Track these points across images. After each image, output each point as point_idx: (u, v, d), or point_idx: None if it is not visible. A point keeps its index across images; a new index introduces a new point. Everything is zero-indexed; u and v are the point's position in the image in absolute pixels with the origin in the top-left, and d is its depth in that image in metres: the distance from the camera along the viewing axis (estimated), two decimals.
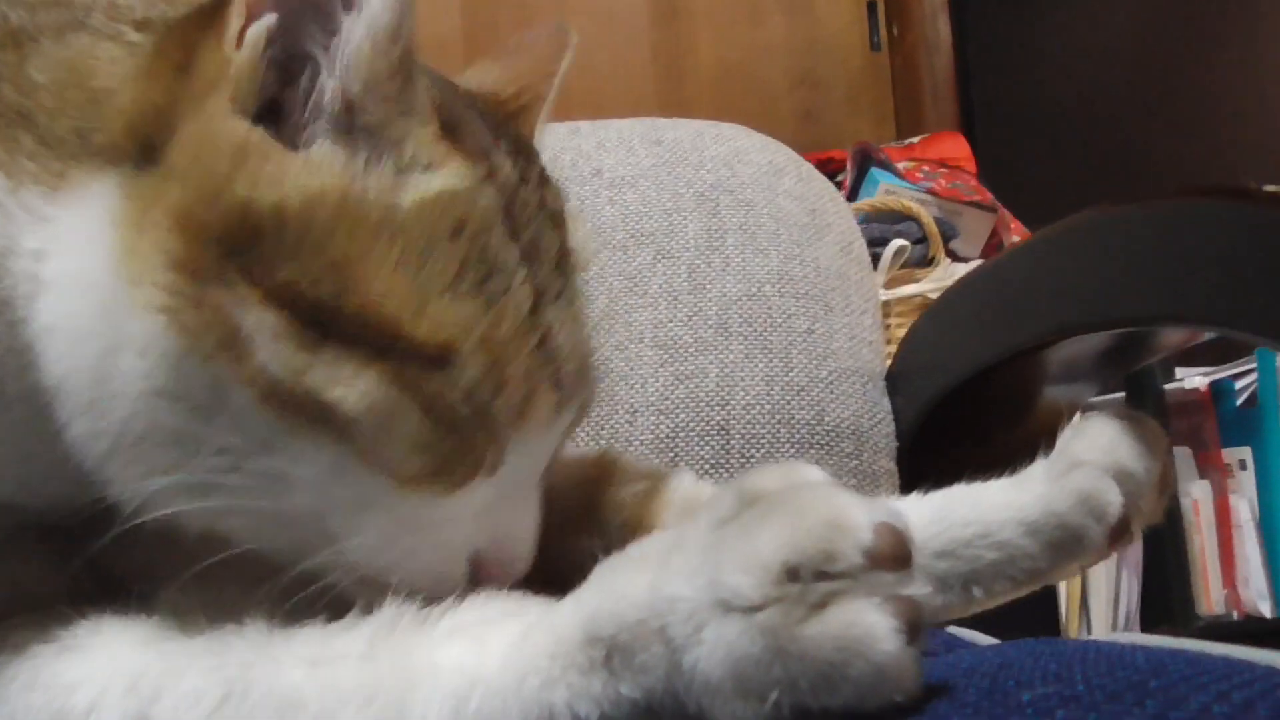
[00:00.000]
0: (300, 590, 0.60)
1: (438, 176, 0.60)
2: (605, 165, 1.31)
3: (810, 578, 0.43)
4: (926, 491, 0.85)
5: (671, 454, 1.17)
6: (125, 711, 0.55)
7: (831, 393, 1.21)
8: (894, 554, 0.44)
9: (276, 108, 0.60)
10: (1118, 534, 0.71)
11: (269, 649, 0.57)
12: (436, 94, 0.64)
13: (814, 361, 1.21)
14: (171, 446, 0.57)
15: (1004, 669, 0.50)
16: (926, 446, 1.21)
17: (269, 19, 0.58)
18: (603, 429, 1.17)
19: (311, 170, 0.58)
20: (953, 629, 0.86)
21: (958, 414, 1.18)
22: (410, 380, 0.57)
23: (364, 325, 0.56)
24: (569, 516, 0.79)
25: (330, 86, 0.59)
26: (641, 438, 1.17)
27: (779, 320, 1.23)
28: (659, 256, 1.25)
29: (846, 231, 1.32)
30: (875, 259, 2.53)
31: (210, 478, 0.56)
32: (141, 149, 0.58)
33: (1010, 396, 1.17)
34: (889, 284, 2.51)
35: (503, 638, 0.54)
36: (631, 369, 1.20)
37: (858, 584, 0.43)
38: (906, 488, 1.21)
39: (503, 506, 0.64)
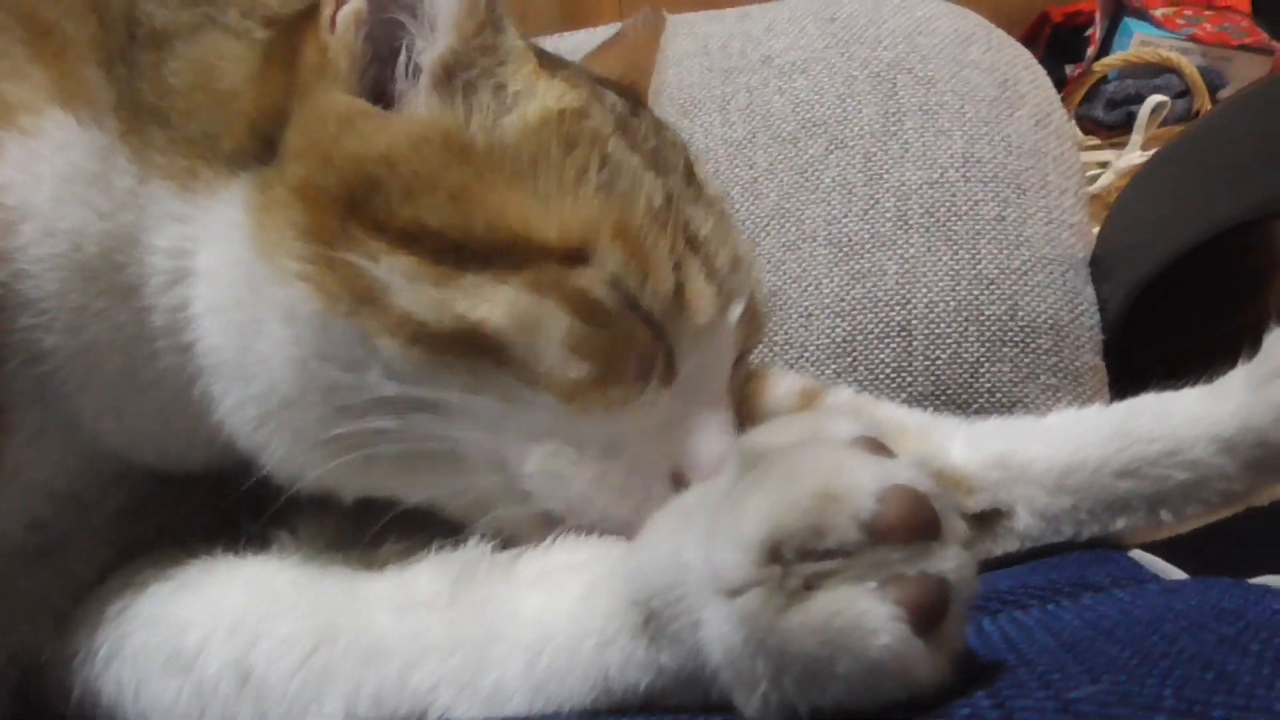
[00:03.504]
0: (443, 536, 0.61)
1: (539, 100, 0.61)
2: (775, 50, 1.22)
3: (794, 557, 0.37)
4: (1126, 392, 0.76)
5: (849, 358, 1.10)
6: (227, 656, 0.58)
7: (1025, 284, 1.10)
8: (908, 524, 0.37)
9: (383, 87, 0.61)
10: None
11: (358, 592, 0.58)
12: (536, 49, 0.65)
13: (1005, 251, 1.10)
14: (324, 405, 0.58)
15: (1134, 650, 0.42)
16: (1138, 338, 1.09)
17: (357, 1, 0.60)
18: (776, 334, 1.12)
19: (413, 118, 0.59)
20: (1140, 554, 0.77)
21: (1174, 299, 1.05)
22: (550, 282, 0.56)
23: (494, 242, 0.56)
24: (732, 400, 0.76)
25: (425, 49, 0.60)
26: (817, 342, 1.11)
27: (964, 208, 1.12)
28: (832, 146, 1.16)
29: (1043, 102, 1.18)
30: (1130, 118, 2.31)
31: (375, 424, 0.57)
32: (264, 146, 0.60)
33: (1238, 275, 1.04)
34: (1147, 144, 2.29)
35: (577, 589, 0.53)
36: (804, 269, 1.13)
37: (854, 563, 0.37)
38: (1115, 384, 1.10)
39: (692, 419, 0.62)
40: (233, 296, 0.59)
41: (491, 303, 0.55)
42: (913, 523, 0.37)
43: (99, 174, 0.60)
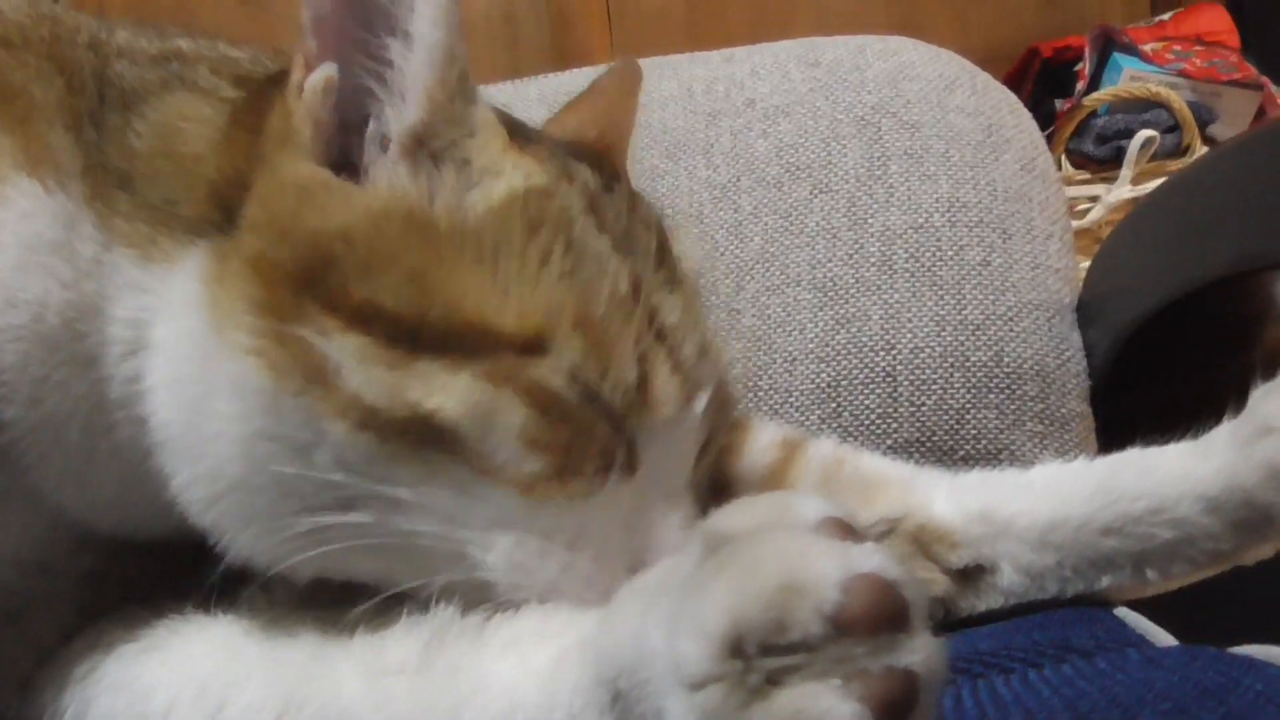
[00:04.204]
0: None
1: (506, 180, 0.59)
2: (759, 94, 1.22)
3: (757, 651, 0.36)
4: (1114, 439, 0.76)
5: (834, 404, 1.09)
6: None
7: (1011, 330, 1.09)
8: (874, 616, 0.36)
9: (350, 157, 0.60)
10: None
11: (326, 656, 0.57)
12: (506, 121, 0.64)
13: (990, 296, 1.10)
14: (272, 492, 0.56)
15: None
16: (1127, 384, 1.08)
17: (328, 68, 0.58)
18: (760, 379, 1.11)
19: (376, 193, 0.58)
20: (1126, 613, 0.76)
21: (1164, 345, 1.04)
22: (506, 373, 0.54)
23: (450, 328, 0.54)
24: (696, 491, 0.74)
25: (393, 119, 0.59)
26: (801, 388, 1.10)
27: (949, 253, 1.11)
28: (816, 190, 1.16)
29: (1029, 146, 1.17)
30: (1120, 152, 2.32)
31: (322, 519, 0.55)
32: (224, 215, 0.59)
33: (1227, 324, 1.03)
34: (1137, 179, 2.30)
35: (546, 658, 0.52)
36: (789, 314, 1.12)
37: (818, 657, 0.35)
38: (1103, 432, 1.09)
39: (653, 513, 0.60)
40: (184, 371, 0.58)
41: (445, 392, 0.53)
42: (878, 614, 0.36)
43: (63, 241, 0.59)
